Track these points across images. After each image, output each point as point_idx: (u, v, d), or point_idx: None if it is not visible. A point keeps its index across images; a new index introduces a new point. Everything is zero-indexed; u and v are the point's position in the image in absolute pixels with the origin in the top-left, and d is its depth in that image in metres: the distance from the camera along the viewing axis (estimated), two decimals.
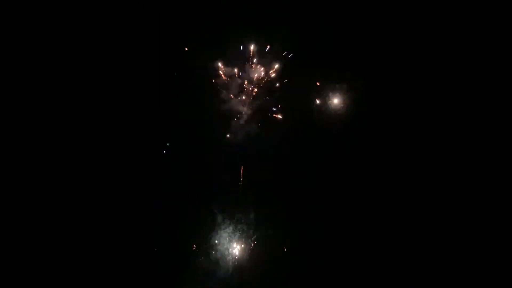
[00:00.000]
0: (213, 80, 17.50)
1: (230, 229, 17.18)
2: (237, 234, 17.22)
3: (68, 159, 16.71)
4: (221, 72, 17.43)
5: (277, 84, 17.61)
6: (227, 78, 17.46)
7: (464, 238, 16.22)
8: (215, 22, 17.12)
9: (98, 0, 16.93)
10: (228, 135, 17.45)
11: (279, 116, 17.59)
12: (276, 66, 17.47)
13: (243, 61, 17.46)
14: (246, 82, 17.50)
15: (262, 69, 17.47)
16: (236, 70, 17.50)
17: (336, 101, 17.36)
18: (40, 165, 16.47)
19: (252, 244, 17.16)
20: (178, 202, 17.00)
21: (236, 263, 17.08)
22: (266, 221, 17.25)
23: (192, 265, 16.95)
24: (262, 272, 16.98)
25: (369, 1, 17.21)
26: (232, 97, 17.50)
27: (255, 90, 17.56)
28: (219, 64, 17.42)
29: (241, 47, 17.36)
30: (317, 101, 17.41)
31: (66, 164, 16.66)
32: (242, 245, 17.18)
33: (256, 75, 17.49)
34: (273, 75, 17.53)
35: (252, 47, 17.40)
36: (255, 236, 17.19)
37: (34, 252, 16.00)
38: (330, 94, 17.33)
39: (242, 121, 17.46)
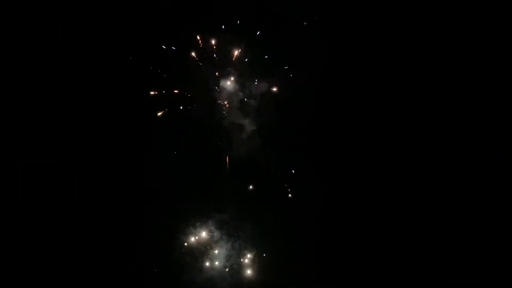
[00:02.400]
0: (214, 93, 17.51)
1: (228, 245, 17.15)
2: (235, 250, 17.22)
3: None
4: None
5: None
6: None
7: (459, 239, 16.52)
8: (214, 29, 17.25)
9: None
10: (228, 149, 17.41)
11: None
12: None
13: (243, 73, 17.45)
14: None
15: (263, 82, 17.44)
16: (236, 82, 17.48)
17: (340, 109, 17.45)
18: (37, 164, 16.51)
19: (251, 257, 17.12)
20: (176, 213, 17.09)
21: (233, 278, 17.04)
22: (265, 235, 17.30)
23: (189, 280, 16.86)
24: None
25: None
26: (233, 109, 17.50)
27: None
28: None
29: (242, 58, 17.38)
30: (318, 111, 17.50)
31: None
32: (240, 260, 17.16)
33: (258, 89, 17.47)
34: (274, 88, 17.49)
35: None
36: (254, 253, 17.17)
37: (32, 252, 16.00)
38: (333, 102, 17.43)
39: (243, 136, 17.39)
